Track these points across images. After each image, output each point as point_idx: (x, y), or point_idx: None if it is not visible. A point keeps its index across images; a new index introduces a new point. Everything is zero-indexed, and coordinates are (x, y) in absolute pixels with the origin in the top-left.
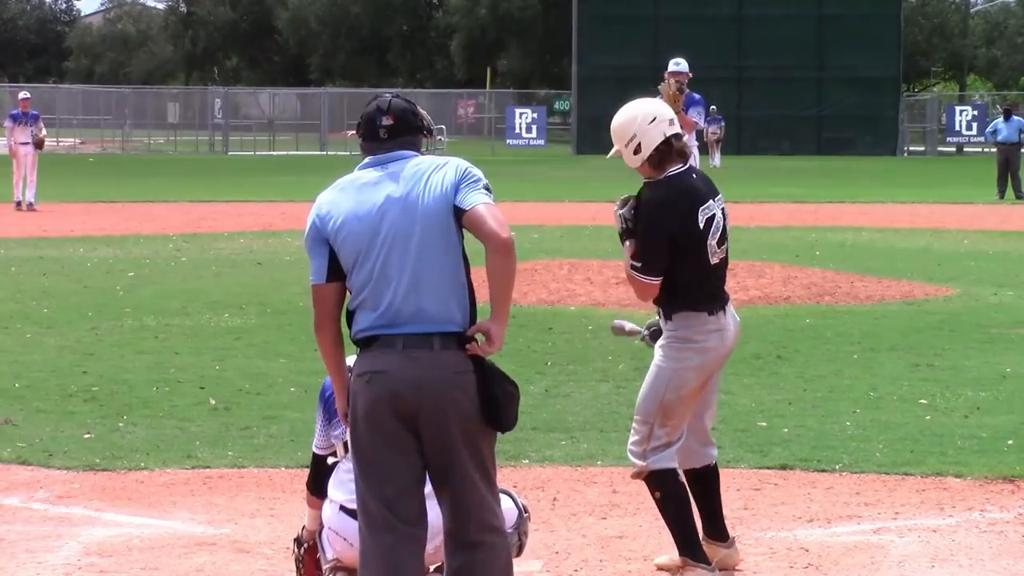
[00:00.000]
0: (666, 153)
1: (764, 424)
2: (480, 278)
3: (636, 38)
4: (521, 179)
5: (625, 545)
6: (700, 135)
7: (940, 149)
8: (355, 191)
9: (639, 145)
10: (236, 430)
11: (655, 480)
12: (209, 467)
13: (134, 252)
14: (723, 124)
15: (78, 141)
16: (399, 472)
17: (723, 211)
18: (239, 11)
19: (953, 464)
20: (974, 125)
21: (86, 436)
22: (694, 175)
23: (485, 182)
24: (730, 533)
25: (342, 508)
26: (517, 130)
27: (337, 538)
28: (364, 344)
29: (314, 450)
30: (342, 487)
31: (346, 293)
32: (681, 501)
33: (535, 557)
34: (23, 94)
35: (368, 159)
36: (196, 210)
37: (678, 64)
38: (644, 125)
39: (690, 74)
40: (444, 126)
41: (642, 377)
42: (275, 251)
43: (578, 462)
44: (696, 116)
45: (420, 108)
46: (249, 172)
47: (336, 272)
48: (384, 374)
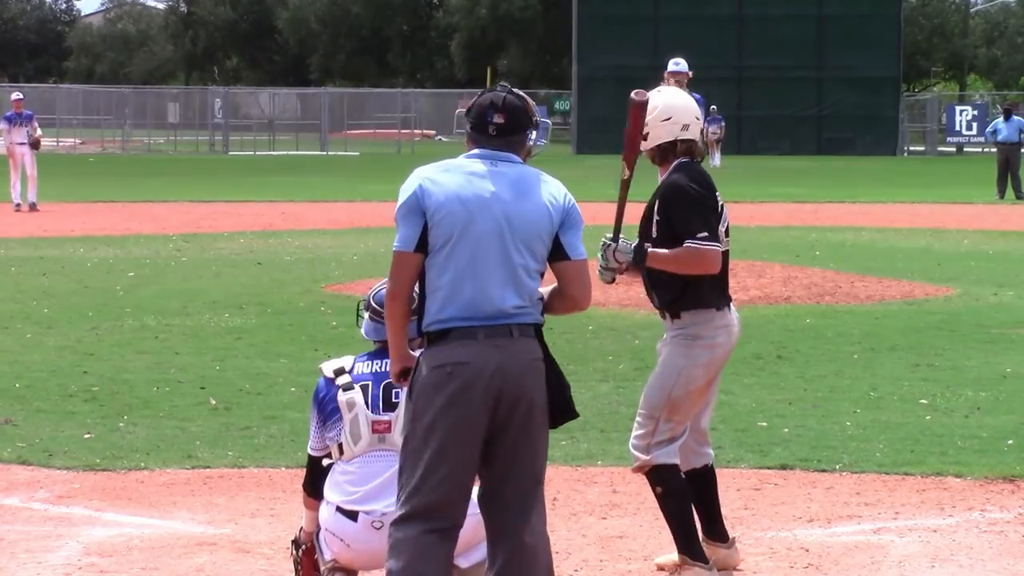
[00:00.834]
0: (669, 151)
1: (764, 424)
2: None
3: (636, 38)
4: None
5: (625, 545)
6: (700, 135)
7: (940, 149)
8: (463, 176)
9: (647, 135)
10: (236, 430)
11: (657, 475)
12: (209, 467)
13: (134, 252)
14: (723, 124)
15: (78, 141)
16: (463, 465)
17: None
18: (239, 11)
19: (953, 464)
20: (974, 125)
21: (86, 436)
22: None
23: (583, 223)
24: (730, 534)
25: (338, 509)
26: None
27: (334, 539)
28: (438, 336)
29: (309, 452)
30: (338, 488)
31: (422, 267)
32: (682, 498)
33: None
34: (16, 95)
35: (477, 150)
36: (196, 210)
37: (677, 64)
38: (658, 120)
39: (690, 74)
40: (442, 128)
41: (643, 376)
42: (275, 251)
43: (578, 462)
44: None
45: (530, 102)
46: (249, 172)
47: (423, 244)
48: (467, 365)
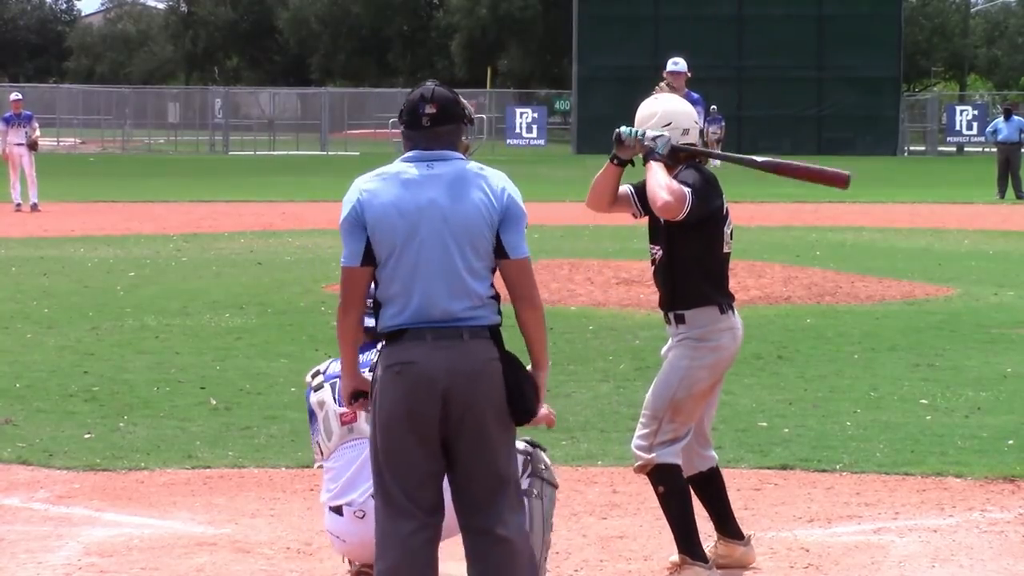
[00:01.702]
0: (670, 155)
1: (765, 424)
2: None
3: (636, 38)
4: (521, 179)
5: (625, 545)
6: (700, 135)
7: (940, 149)
8: (399, 185)
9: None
10: (236, 430)
11: (659, 475)
12: (209, 467)
13: (134, 252)
14: (723, 124)
15: (78, 141)
16: (422, 461)
17: None
18: (239, 11)
19: (953, 464)
20: (974, 125)
21: (86, 436)
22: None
23: (526, 217)
24: (744, 532)
25: (329, 508)
26: (517, 130)
27: (333, 539)
28: (391, 337)
29: (312, 446)
30: (324, 488)
31: (374, 279)
32: (683, 498)
33: None
34: (14, 95)
35: (412, 152)
36: (196, 210)
37: (676, 64)
38: (658, 127)
39: (688, 74)
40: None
41: (643, 376)
42: (275, 251)
43: (578, 462)
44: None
45: (461, 97)
46: (249, 172)
47: (369, 258)
48: (414, 364)
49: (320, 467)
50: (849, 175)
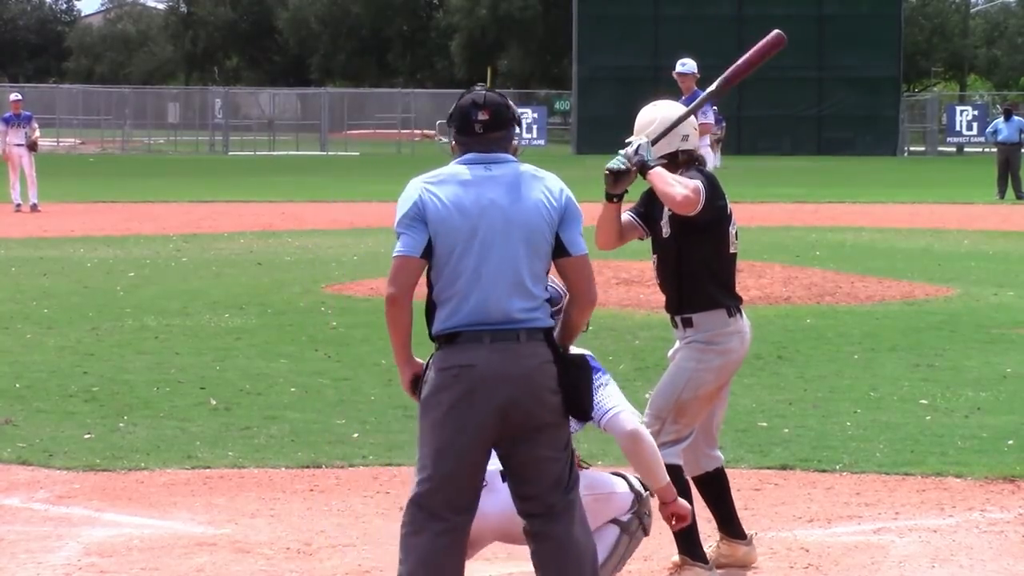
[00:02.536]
0: (670, 160)
1: (765, 424)
2: None
3: (636, 38)
4: None
5: None
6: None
7: (940, 149)
8: (458, 186)
9: None
10: (236, 430)
11: None
12: (209, 467)
13: (134, 252)
14: (724, 124)
15: (78, 141)
16: (470, 464)
17: None
18: (239, 11)
19: (953, 464)
20: (974, 125)
21: (86, 436)
22: None
23: (582, 216)
24: (747, 531)
25: None
26: (517, 130)
27: None
28: (446, 339)
29: None
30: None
31: (425, 277)
32: (685, 498)
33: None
34: (14, 96)
35: (468, 155)
36: (196, 210)
37: (684, 65)
38: (656, 134)
39: (697, 75)
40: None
41: (643, 376)
42: (275, 251)
43: None
44: (704, 117)
45: (510, 100)
46: (249, 172)
47: (428, 252)
48: (472, 368)
49: None
50: (779, 32)
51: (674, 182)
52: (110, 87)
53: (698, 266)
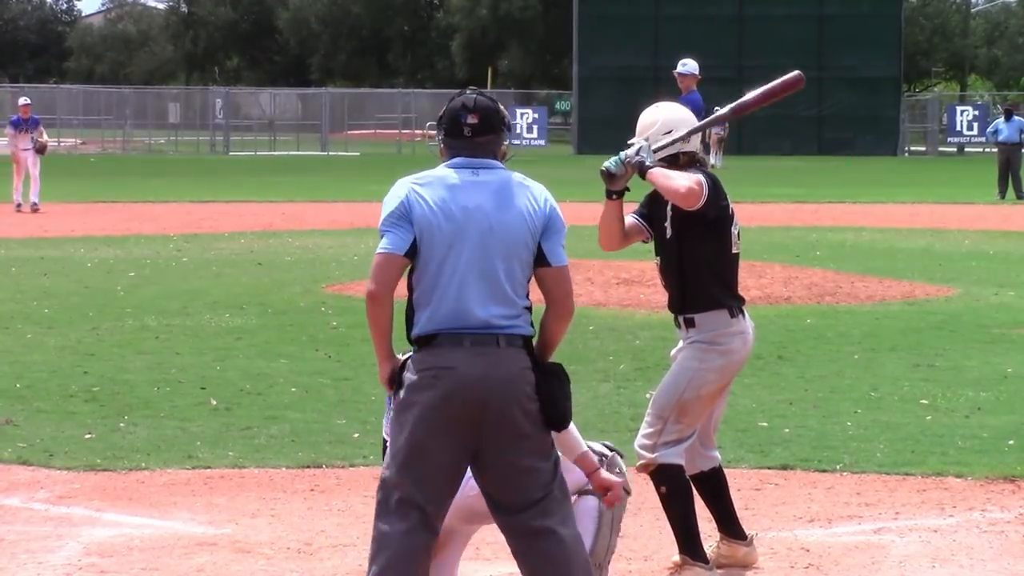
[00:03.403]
0: (671, 164)
1: (765, 424)
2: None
3: (636, 38)
4: None
5: (625, 545)
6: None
7: (941, 149)
8: (444, 189)
9: None
10: (237, 430)
11: (661, 474)
12: (210, 467)
13: (135, 252)
14: (726, 124)
15: (79, 141)
16: (447, 465)
17: None
18: (240, 11)
19: (954, 464)
20: (975, 125)
21: (87, 436)
22: None
23: (566, 228)
24: (747, 532)
25: None
26: (518, 130)
27: None
28: (426, 341)
29: (384, 436)
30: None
31: (407, 278)
32: (685, 498)
33: None
34: (23, 100)
35: (457, 159)
36: (197, 210)
37: (685, 65)
38: (658, 135)
39: (698, 76)
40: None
41: (643, 376)
42: (275, 251)
43: None
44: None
45: (500, 104)
46: (250, 172)
47: (412, 252)
48: (452, 370)
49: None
50: (800, 74)
51: (675, 175)
52: (111, 87)
53: (701, 266)
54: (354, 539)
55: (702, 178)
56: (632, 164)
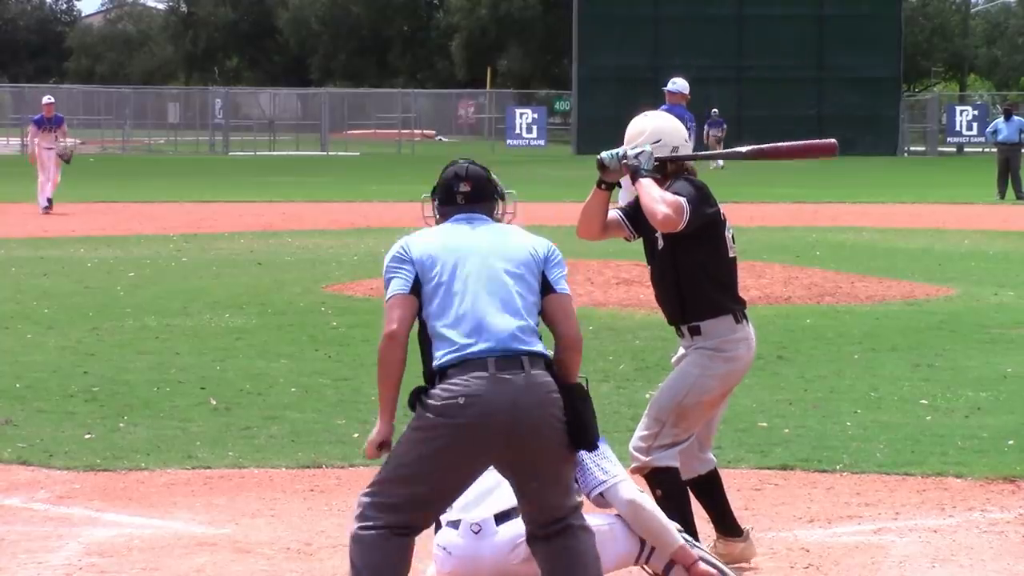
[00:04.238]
0: (658, 169)
1: (765, 424)
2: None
3: (636, 38)
4: (521, 179)
5: None
6: (701, 139)
7: (940, 149)
8: (443, 232)
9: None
10: (237, 430)
11: (657, 477)
12: (210, 467)
13: (135, 252)
14: (724, 127)
15: (78, 141)
16: (459, 482)
17: None
18: (240, 11)
19: (954, 464)
20: (974, 125)
21: (87, 436)
22: None
23: (567, 266)
24: (743, 526)
25: (447, 523)
26: (517, 130)
27: (443, 553)
28: (449, 366)
29: None
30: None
31: (418, 312)
32: (682, 500)
33: None
34: (47, 98)
35: (452, 217)
36: (196, 210)
37: (675, 84)
38: (648, 143)
39: (688, 95)
40: (442, 128)
41: (643, 376)
42: (275, 251)
43: None
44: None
45: (493, 174)
46: (249, 172)
47: (417, 289)
48: (479, 398)
49: None
50: (835, 142)
51: (659, 199)
52: (110, 87)
53: (698, 273)
54: None
55: (683, 202)
56: (628, 165)
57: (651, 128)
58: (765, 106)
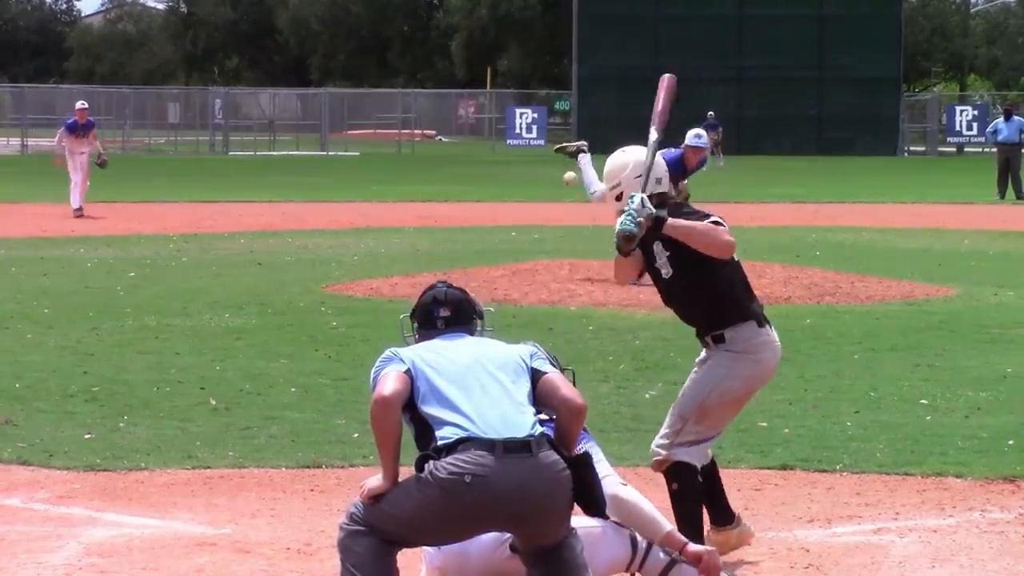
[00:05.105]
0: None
1: (765, 424)
2: None
3: (636, 38)
4: (521, 179)
5: None
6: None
7: (940, 149)
8: (430, 342)
9: (620, 194)
10: (236, 430)
11: (675, 472)
12: (210, 467)
13: (134, 252)
14: (720, 129)
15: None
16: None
17: None
18: (239, 11)
19: (954, 464)
20: (974, 125)
21: (86, 436)
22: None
23: (551, 357)
24: (734, 511)
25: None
26: (517, 130)
27: (431, 551)
28: (451, 446)
29: None
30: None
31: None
32: (695, 498)
33: None
34: (81, 103)
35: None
36: (196, 210)
37: (699, 138)
38: (630, 178)
39: (707, 150)
40: (442, 128)
41: (643, 376)
42: (275, 251)
43: None
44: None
45: (471, 294)
46: (249, 172)
47: (410, 378)
48: (486, 479)
49: None
50: (672, 76)
51: (708, 230)
52: (110, 87)
53: (715, 285)
54: None
55: (718, 218)
56: (647, 218)
57: (633, 161)
58: (765, 106)
